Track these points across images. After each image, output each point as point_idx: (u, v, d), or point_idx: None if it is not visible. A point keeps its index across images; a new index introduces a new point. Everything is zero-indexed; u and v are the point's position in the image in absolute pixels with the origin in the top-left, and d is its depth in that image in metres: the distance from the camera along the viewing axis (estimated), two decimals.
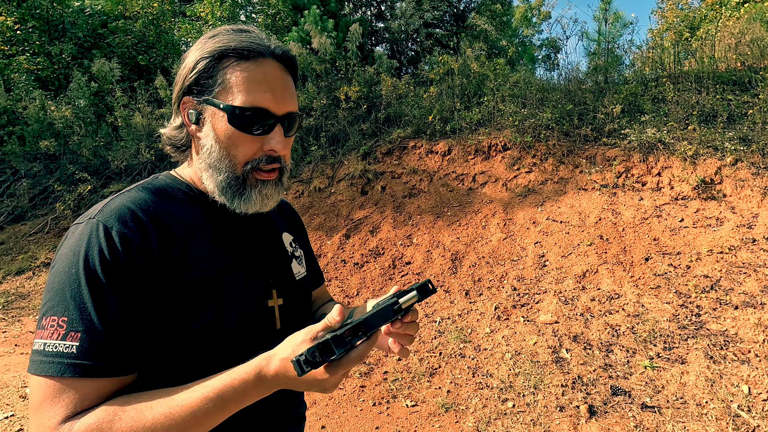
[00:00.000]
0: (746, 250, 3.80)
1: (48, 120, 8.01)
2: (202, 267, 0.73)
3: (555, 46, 12.75)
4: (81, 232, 0.67)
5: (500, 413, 2.68)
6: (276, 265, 0.90)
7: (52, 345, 0.61)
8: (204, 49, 0.75)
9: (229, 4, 8.93)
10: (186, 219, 0.76)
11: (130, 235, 0.67)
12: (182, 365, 0.72)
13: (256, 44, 0.75)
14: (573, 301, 3.75)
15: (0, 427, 2.69)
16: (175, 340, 0.70)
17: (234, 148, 0.75)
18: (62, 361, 0.60)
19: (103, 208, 0.70)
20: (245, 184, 0.77)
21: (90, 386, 0.61)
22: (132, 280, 0.66)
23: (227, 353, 0.74)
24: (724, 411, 2.46)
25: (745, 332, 3.04)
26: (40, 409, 0.60)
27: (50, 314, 0.63)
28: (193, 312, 0.71)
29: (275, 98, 0.75)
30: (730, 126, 5.04)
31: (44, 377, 0.61)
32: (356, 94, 6.91)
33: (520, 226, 4.95)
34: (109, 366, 0.62)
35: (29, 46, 9.21)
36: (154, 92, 8.37)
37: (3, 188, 7.59)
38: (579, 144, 5.56)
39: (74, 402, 0.60)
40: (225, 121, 0.74)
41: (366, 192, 6.08)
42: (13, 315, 4.82)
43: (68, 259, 0.65)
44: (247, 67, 0.74)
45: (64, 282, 0.64)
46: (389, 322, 0.68)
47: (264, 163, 0.76)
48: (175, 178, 0.82)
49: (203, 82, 0.75)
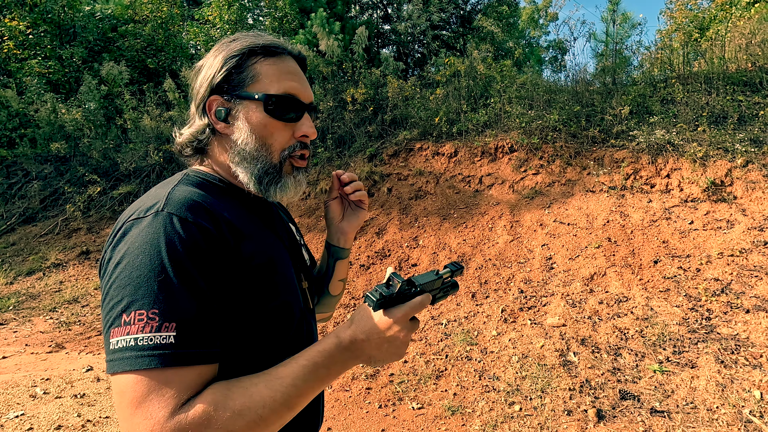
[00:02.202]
0: (758, 253, 3.74)
1: (59, 123, 8.12)
2: (262, 254, 0.77)
3: (562, 48, 12.69)
4: (153, 225, 0.66)
5: (507, 417, 2.66)
6: (297, 251, 0.97)
7: (146, 338, 0.60)
8: (230, 49, 0.80)
9: (237, 7, 9.01)
10: (235, 210, 0.79)
11: (205, 224, 0.68)
12: (260, 344, 0.76)
13: (277, 43, 0.82)
14: (581, 303, 3.72)
15: (10, 426, 2.72)
16: (253, 320, 0.74)
17: (270, 137, 0.80)
18: (163, 352, 0.59)
19: (167, 201, 0.69)
20: (281, 171, 0.82)
21: (193, 374, 0.62)
22: (214, 268, 0.67)
23: (291, 329, 0.81)
24: (735, 416, 2.42)
25: (757, 336, 2.99)
26: (145, 403, 0.58)
27: (135, 308, 0.61)
28: (262, 296, 0.75)
29: (302, 87, 0.82)
30: (741, 127, 4.98)
31: (143, 372, 0.59)
32: (363, 96, 6.92)
33: (527, 228, 4.92)
34: (208, 352, 0.64)
35: (41, 50, 9.35)
36: (162, 95, 8.45)
37: (14, 190, 7.71)
38: (587, 146, 5.52)
39: (181, 391, 0.60)
40: (260, 111, 0.78)
41: (372, 194, 6.08)
42: (23, 315, 4.88)
43: (145, 252, 0.63)
44: (274, 62, 0.81)
45: (147, 274, 0.62)
46: (432, 285, 0.77)
47: (298, 149, 0.83)
48: (206, 174, 0.83)
49: (233, 78, 0.79)
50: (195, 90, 0.82)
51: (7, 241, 6.74)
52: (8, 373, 3.49)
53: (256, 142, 0.79)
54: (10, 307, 5.06)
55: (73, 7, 9.54)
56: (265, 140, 0.79)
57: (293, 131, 0.82)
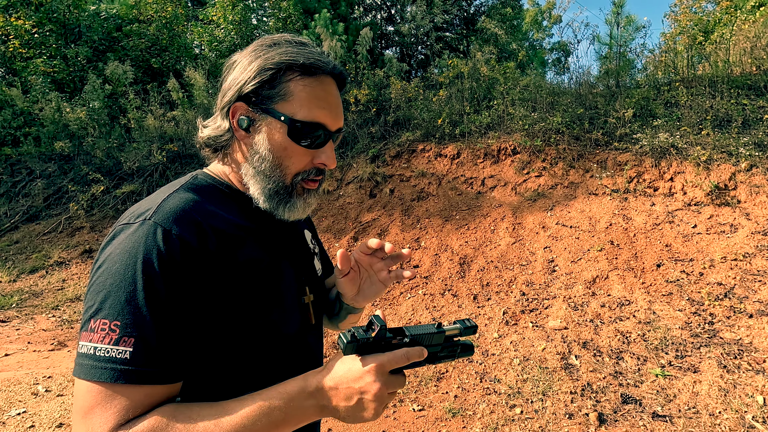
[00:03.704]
0: (761, 258, 3.72)
1: (63, 121, 8.15)
2: (253, 266, 0.74)
3: (566, 50, 12.68)
4: (136, 233, 0.65)
5: (508, 419, 2.66)
6: (305, 262, 0.92)
7: (103, 349, 0.59)
8: (267, 58, 0.75)
9: (241, 8, 9.03)
10: (233, 219, 0.76)
11: (189, 237, 0.66)
12: (235, 366, 0.72)
13: (320, 61, 0.76)
14: (582, 307, 3.71)
15: (12, 424, 2.73)
16: (230, 339, 0.71)
17: (288, 159, 0.77)
18: (115, 366, 0.59)
19: (158, 209, 0.68)
20: (292, 193, 0.79)
21: (142, 393, 0.60)
22: (191, 285, 0.65)
23: (277, 351, 0.77)
24: (738, 422, 2.41)
25: (760, 341, 2.98)
26: (90, 414, 0.59)
27: (101, 316, 0.61)
28: (249, 310, 0.72)
29: (332, 115, 0.78)
30: (745, 131, 4.96)
31: (94, 383, 0.59)
32: (366, 97, 6.93)
33: (529, 231, 4.91)
34: (162, 372, 0.62)
35: (46, 50, 9.40)
36: (166, 95, 8.48)
37: (18, 188, 7.74)
38: (590, 148, 5.51)
39: (126, 409, 0.59)
40: (283, 133, 0.75)
41: (374, 195, 6.08)
42: (26, 313, 4.90)
43: (123, 261, 0.63)
44: (310, 83, 0.75)
45: (118, 284, 0.62)
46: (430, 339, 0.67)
47: (313, 175, 0.79)
48: (214, 178, 0.82)
49: (264, 92, 0.75)
50: (224, 88, 0.79)
51: (11, 239, 6.77)
52: (10, 370, 3.50)
53: (273, 161, 0.76)
54: (13, 305, 5.08)
55: (78, 6, 9.60)
56: (282, 161, 0.77)
57: (312, 157, 0.78)
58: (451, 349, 0.70)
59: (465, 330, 0.69)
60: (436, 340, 0.67)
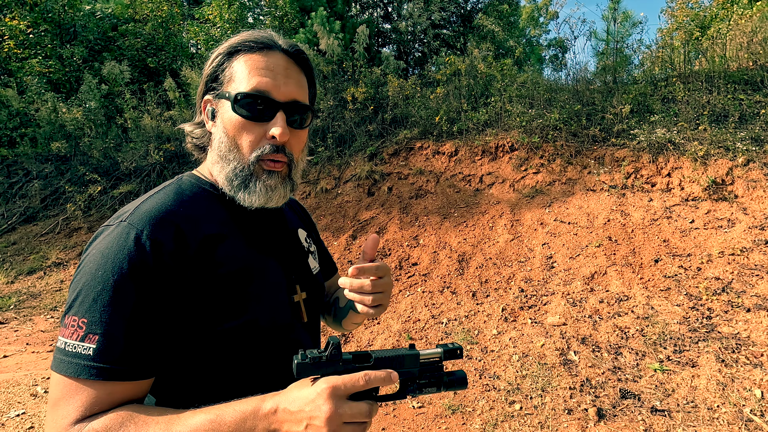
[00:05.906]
0: (759, 252, 3.73)
1: (59, 122, 8.12)
2: (233, 265, 0.74)
3: (563, 46, 12.67)
4: (111, 235, 0.67)
5: (507, 415, 2.66)
6: (296, 260, 0.91)
7: (71, 345, 0.62)
8: (221, 48, 0.79)
9: (237, 6, 9.00)
10: (214, 219, 0.77)
11: (160, 239, 0.67)
12: (217, 365, 0.73)
13: (265, 38, 0.78)
14: (581, 302, 3.72)
15: (12, 425, 2.73)
16: (209, 339, 0.71)
17: (239, 137, 0.76)
18: (79, 362, 0.61)
19: (134, 211, 0.70)
20: (252, 174, 0.76)
21: (104, 389, 0.62)
22: (160, 286, 0.66)
23: (261, 350, 0.76)
24: (736, 415, 2.42)
25: (758, 335, 2.99)
26: (56, 406, 0.62)
27: (72, 314, 0.64)
28: (228, 310, 0.72)
29: (276, 83, 0.76)
30: (742, 126, 4.97)
31: (61, 376, 0.62)
32: (363, 95, 6.92)
33: (527, 227, 4.92)
34: (125, 370, 0.63)
35: (41, 50, 9.35)
36: (163, 94, 8.45)
37: (15, 189, 7.71)
38: (587, 145, 5.52)
39: (87, 404, 0.61)
40: (230, 110, 0.76)
41: (372, 193, 6.08)
42: (24, 314, 4.88)
43: (96, 261, 0.65)
44: (252, 57, 0.76)
45: (90, 283, 0.64)
46: (401, 362, 0.61)
47: (269, 152, 0.76)
48: (198, 178, 0.83)
49: (218, 77, 0.78)
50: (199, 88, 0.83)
51: (8, 240, 6.75)
52: (9, 372, 3.49)
53: (228, 142, 0.76)
54: (11, 306, 5.06)
55: (73, 6, 9.54)
56: (236, 140, 0.76)
57: (266, 131, 0.76)
58: (436, 376, 0.64)
59: (447, 353, 0.62)
60: (410, 363, 0.61)
